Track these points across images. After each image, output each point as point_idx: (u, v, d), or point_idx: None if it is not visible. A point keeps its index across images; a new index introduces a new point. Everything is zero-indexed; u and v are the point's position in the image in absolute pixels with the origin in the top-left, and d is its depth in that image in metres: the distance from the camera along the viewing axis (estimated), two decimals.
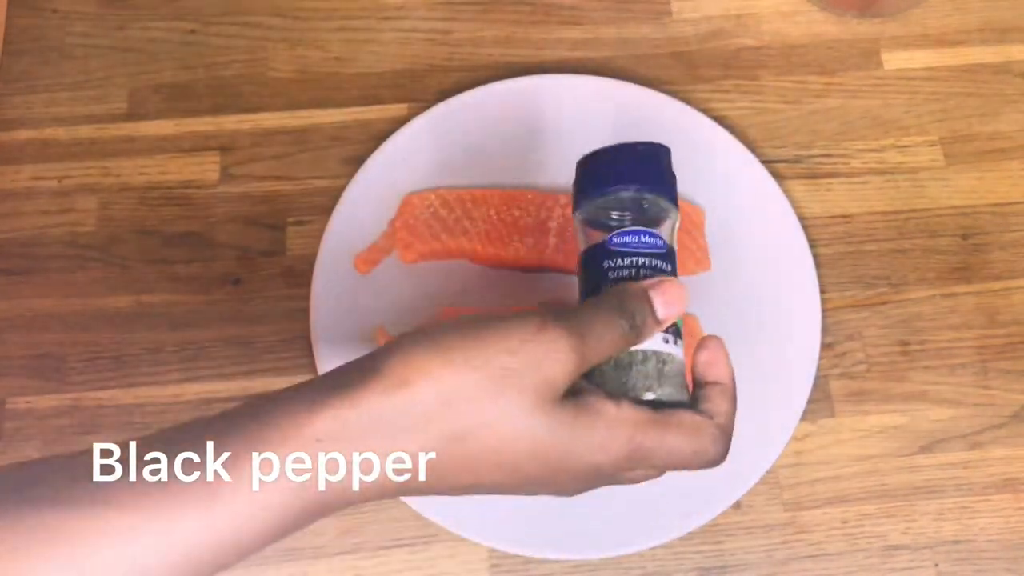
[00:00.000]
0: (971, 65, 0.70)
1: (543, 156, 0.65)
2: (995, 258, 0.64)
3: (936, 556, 0.57)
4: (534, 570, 0.57)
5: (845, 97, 0.69)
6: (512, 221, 0.62)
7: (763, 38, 0.71)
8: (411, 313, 0.60)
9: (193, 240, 0.64)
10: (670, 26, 0.71)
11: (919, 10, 0.71)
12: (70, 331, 0.62)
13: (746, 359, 0.60)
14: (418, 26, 0.71)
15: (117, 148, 0.67)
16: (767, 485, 0.58)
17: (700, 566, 0.57)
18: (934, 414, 0.60)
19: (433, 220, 0.62)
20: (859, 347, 0.62)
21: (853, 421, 0.60)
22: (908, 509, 0.58)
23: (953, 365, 0.61)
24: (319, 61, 0.70)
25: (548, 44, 0.71)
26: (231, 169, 0.67)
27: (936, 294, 0.63)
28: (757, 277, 0.62)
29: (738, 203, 0.64)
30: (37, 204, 0.65)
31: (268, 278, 0.63)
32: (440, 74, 0.70)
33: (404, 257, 0.62)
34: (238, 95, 0.69)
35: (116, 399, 0.60)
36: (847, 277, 0.64)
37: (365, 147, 0.66)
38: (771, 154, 0.67)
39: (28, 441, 0.59)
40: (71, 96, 0.69)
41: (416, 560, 0.57)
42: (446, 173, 0.64)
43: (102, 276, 0.63)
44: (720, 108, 0.68)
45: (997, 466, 0.59)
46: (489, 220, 0.62)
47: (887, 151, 0.67)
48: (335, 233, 0.62)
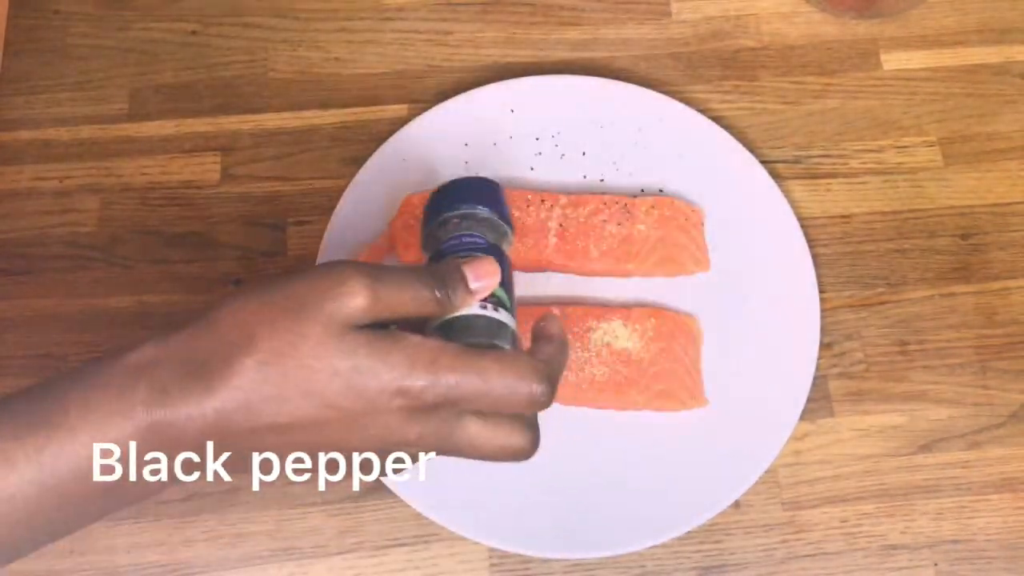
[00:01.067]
0: (970, 66, 0.70)
1: (543, 156, 0.66)
2: (994, 258, 0.64)
3: (935, 556, 0.57)
4: (534, 569, 0.57)
5: (844, 98, 0.69)
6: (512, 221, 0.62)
7: (762, 39, 0.71)
8: None
9: (194, 240, 0.65)
10: (669, 27, 0.71)
11: (918, 11, 0.71)
12: (71, 331, 0.62)
13: (745, 359, 0.60)
14: (418, 27, 0.71)
15: (118, 148, 0.67)
16: (766, 485, 0.58)
17: (699, 565, 0.57)
18: (933, 414, 0.60)
19: None
20: (858, 347, 0.62)
21: (852, 421, 0.60)
22: (907, 509, 0.58)
23: (952, 365, 0.62)
24: (319, 62, 0.70)
25: (548, 44, 0.71)
26: (232, 169, 0.67)
27: (935, 294, 0.63)
28: (756, 277, 0.62)
29: (737, 203, 0.64)
30: (38, 204, 0.66)
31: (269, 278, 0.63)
32: (440, 75, 0.70)
33: (404, 257, 0.62)
34: (239, 96, 0.69)
35: None
36: (846, 277, 0.64)
37: (365, 147, 0.66)
38: (770, 154, 0.67)
39: None
40: (72, 96, 0.69)
41: (416, 559, 0.57)
42: (446, 173, 0.64)
43: (103, 276, 0.64)
44: (719, 108, 0.68)
45: (996, 466, 0.59)
46: None
47: (886, 151, 0.67)
48: (336, 233, 0.62)
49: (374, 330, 0.40)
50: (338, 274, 0.40)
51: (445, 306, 0.43)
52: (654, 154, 0.65)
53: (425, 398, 0.39)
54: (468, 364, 0.40)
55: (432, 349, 0.40)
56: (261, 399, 0.38)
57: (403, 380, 0.39)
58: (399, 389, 0.39)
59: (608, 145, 0.66)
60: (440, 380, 0.39)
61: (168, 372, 0.38)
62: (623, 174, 0.65)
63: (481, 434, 0.41)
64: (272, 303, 0.40)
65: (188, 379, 0.38)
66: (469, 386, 0.40)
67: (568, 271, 0.62)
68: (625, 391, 0.58)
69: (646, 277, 0.62)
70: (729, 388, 0.59)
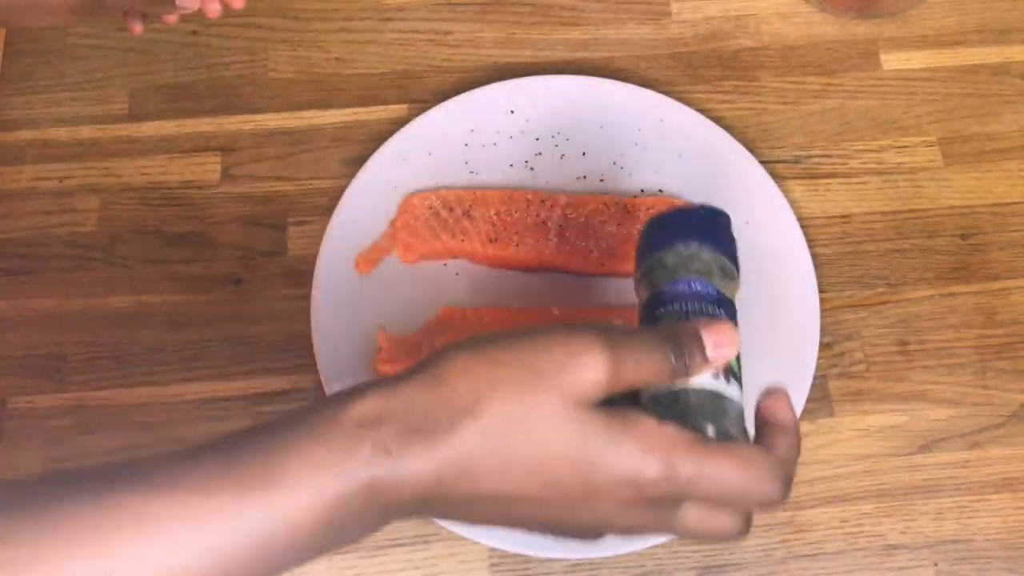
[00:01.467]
0: (969, 66, 0.70)
1: (543, 156, 0.66)
2: (994, 258, 0.64)
3: (935, 555, 0.57)
4: (534, 569, 0.57)
5: (844, 98, 0.69)
6: (512, 221, 0.62)
7: (762, 39, 0.71)
8: (411, 313, 0.61)
9: (194, 240, 0.65)
10: (669, 27, 0.71)
11: (918, 11, 0.71)
12: (71, 331, 0.62)
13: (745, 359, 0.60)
14: (418, 27, 0.71)
15: (118, 148, 0.67)
16: None
17: (699, 565, 0.57)
18: (933, 414, 0.60)
19: (433, 220, 0.62)
20: (858, 347, 0.62)
21: (852, 421, 0.60)
22: (907, 508, 0.58)
23: (952, 365, 0.62)
24: (320, 62, 0.70)
25: (548, 45, 0.71)
26: (232, 169, 0.67)
27: (935, 294, 0.63)
28: (756, 277, 0.62)
29: (737, 203, 0.63)
30: (38, 204, 0.66)
31: (269, 278, 0.64)
32: (440, 75, 0.70)
33: (404, 257, 0.62)
34: (239, 96, 0.69)
35: (117, 399, 0.60)
36: (846, 277, 0.64)
37: (366, 147, 0.66)
38: (770, 154, 0.67)
39: (29, 441, 0.59)
40: (72, 97, 0.69)
41: (416, 559, 0.57)
42: (446, 173, 0.65)
43: (103, 276, 0.64)
44: (719, 109, 0.68)
45: (996, 465, 0.59)
46: (489, 220, 0.62)
47: (886, 151, 0.67)
48: (336, 233, 0.62)
49: (610, 409, 0.37)
50: (579, 342, 0.37)
51: (678, 375, 0.39)
52: (654, 154, 0.65)
53: (654, 492, 0.37)
54: (705, 459, 0.36)
55: (668, 438, 0.37)
56: (484, 467, 0.36)
57: (635, 472, 0.36)
58: (628, 479, 0.36)
59: (608, 145, 0.66)
60: (674, 475, 0.36)
61: (392, 430, 0.36)
62: (623, 174, 0.65)
63: (698, 523, 0.38)
64: (505, 365, 0.37)
65: (411, 438, 0.36)
66: (703, 483, 0.37)
67: (568, 271, 0.62)
68: None
69: None
70: None
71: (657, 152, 0.65)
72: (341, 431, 0.36)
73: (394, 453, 0.36)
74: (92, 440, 0.59)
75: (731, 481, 0.37)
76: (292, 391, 0.60)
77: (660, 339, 0.39)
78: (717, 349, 0.40)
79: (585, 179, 0.65)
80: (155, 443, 0.59)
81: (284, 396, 0.60)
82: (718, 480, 0.37)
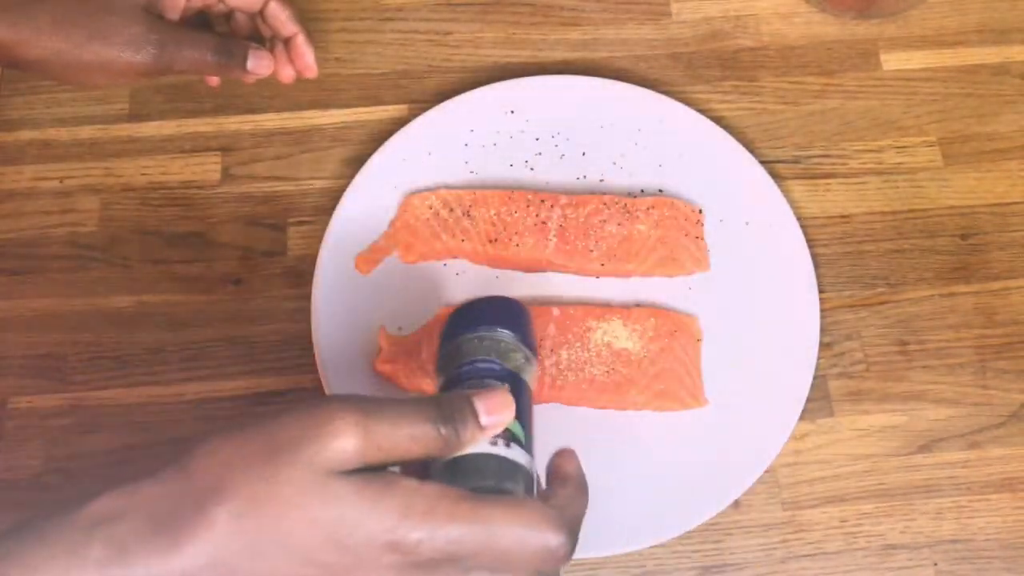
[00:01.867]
0: (969, 66, 0.70)
1: (543, 156, 0.66)
2: (993, 258, 0.64)
3: (935, 555, 0.57)
4: None
5: (844, 98, 0.69)
6: (512, 221, 0.62)
7: (762, 39, 0.71)
8: (411, 313, 0.61)
9: (194, 240, 0.65)
10: (669, 27, 0.71)
11: (917, 11, 0.71)
12: (71, 331, 0.62)
13: (745, 359, 0.60)
14: (418, 27, 0.71)
15: (119, 148, 0.67)
16: (766, 484, 0.58)
17: (699, 565, 0.57)
18: (932, 414, 0.60)
19: (433, 220, 0.62)
20: (858, 347, 0.62)
21: (852, 420, 0.60)
22: (907, 508, 0.58)
23: (952, 365, 0.62)
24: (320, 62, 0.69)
25: (548, 45, 0.71)
26: (232, 170, 0.67)
27: (935, 294, 0.63)
28: (756, 277, 0.62)
29: (737, 203, 0.64)
30: (39, 204, 0.66)
31: (269, 278, 0.64)
32: (440, 75, 0.70)
33: (404, 257, 0.62)
34: (239, 96, 0.69)
35: (117, 399, 0.60)
36: (846, 277, 0.64)
37: (365, 147, 0.66)
38: (770, 154, 0.67)
39: (29, 441, 0.59)
40: (73, 97, 0.69)
41: None
42: (446, 173, 0.65)
43: (103, 276, 0.64)
44: (719, 109, 0.68)
45: (995, 465, 0.59)
46: (489, 220, 0.62)
47: (886, 151, 0.67)
48: (336, 233, 0.62)
49: (364, 474, 0.36)
50: (323, 411, 0.36)
51: (451, 444, 0.38)
52: (654, 154, 0.65)
53: (421, 553, 0.35)
54: (471, 513, 0.35)
55: (429, 495, 0.35)
56: (233, 555, 0.34)
57: (394, 532, 0.35)
58: (390, 543, 0.35)
59: (608, 145, 0.66)
60: (438, 532, 0.35)
61: (129, 526, 0.34)
62: (623, 174, 0.65)
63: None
64: (249, 442, 0.36)
65: (152, 534, 0.34)
66: (472, 539, 0.35)
67: (568, 271, 0.62)
68: (625, 391, 0.58)
69: (646, 277, 0.62)
70: (729, 388, 0.59)
71: (657, 152, 0.65)
72: (72, 530, 0.34)
73: (132, 551, 0.34)
74: (92, 440, 0.59)
75: (501, 533, 0.36)
76: (292, 391, 0.60)
77: (423, 408, 0.38)
78: (490, 415, 0.39)
79: (585, 179, 0.65)
80: (155, 443, 0.59)
81: (284, 396, 0.60)
82: (488, 534, 0.36)
